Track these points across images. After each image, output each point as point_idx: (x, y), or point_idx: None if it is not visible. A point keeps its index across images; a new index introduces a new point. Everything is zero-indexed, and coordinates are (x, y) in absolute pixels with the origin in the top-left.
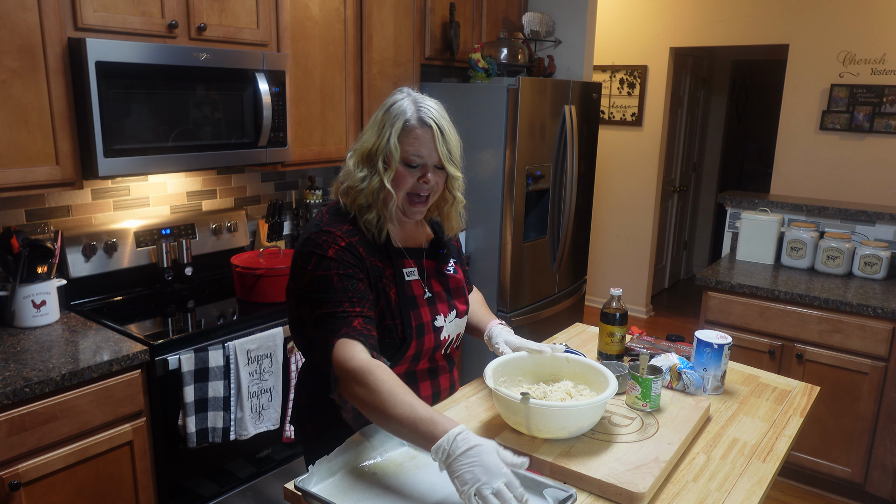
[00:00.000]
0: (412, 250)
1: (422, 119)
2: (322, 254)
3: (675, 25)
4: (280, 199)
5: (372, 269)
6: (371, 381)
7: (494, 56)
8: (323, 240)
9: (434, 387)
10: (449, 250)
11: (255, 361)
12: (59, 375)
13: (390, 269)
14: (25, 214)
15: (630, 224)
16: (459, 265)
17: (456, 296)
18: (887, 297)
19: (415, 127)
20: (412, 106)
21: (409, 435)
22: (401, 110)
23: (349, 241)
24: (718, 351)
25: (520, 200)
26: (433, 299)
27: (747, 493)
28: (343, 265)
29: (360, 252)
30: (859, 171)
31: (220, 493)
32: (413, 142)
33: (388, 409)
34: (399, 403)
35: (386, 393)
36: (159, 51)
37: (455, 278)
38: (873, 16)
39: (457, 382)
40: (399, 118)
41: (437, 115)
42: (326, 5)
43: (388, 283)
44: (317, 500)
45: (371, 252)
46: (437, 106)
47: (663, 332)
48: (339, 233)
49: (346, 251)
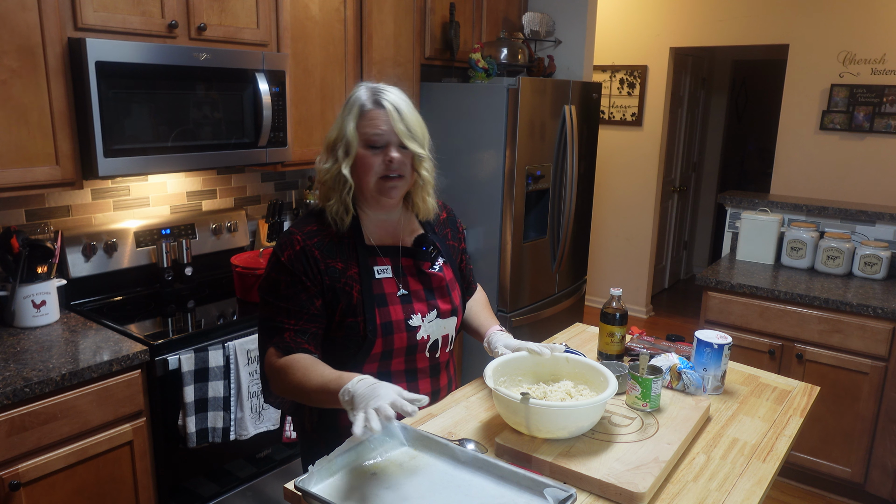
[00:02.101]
0: (387, 248)
1: (377, 101)
2: (279, 255)
3: (675, 25)
4: (280, 199)
5: (328, 272)
6: (289, 370)
7: (494, 56)
8: (284, 241)
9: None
10: (436, 248)
11: (255, 361)
12: (59, 375)
13: (355, 268)
14: (25, 214)
15: (630, 224)
16: (449, 264)
17: (439, 295)
18: (887, 297)
19: (370, 109)
20: (367, 92)
21: (325, 398)
22: (356, 97)
23: (304, 245)
24: (718, 351)
25: (520, 200)
26: (408, 297)
27: (747, 493)
28: (291, 274)
29: (314, 255)
30: (859, 171)
31: (220, 493)
32: (369, 122)
33: (304, 384)
34: (311, 377)
35: (301, 371)
36: (159, 51)
37: (438, 276)
38: (873, 16)
39: (443, 390)
40: (355, 104)
41: (393, 98)
42: (326, 5)
43: (350, 282)
44: (317, 500)
45: (330, 254)
46: (395, 90)
47: (663, 332)
48: (299, 235)
49: (298, 255)
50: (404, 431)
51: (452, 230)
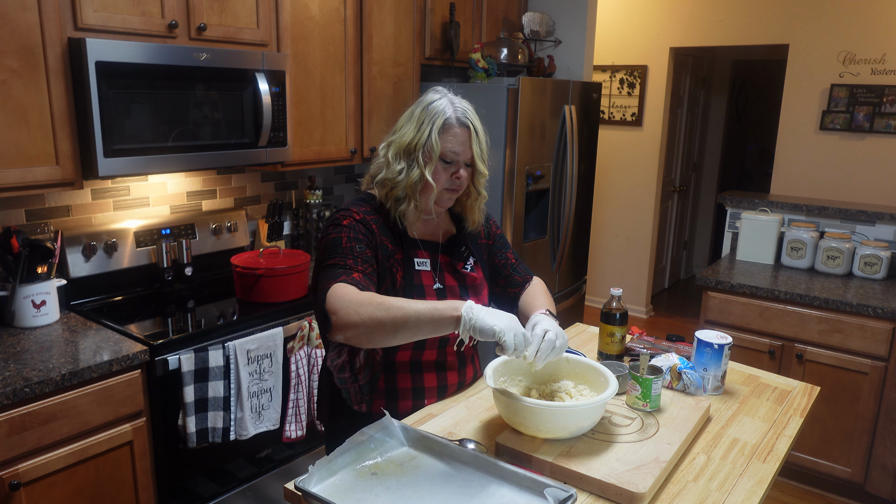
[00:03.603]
0: (428, 243)
1: (459, 119)
2: (337, 223)
3: (675, 25)
4: (280, 199)
5: (381, 247)
6: (376, 297)
7: (494, 56)
8: (341, 213)
9: (440, 380)
10: (468, 249)
11: (255, 361)
12: (59, 375)
13: (401, 254)
14: (25, 214)
15: (630, 224)
16: (480, 264)
17: (472, 293)
18: (887, 297)
19: (453, 125)
20: (450, 106)
21: (435, 316)
22: (440, 109)
23: (364, 217)
24: (718, 351)
25: (520, 200)
26: (444, 292)
27: (747, 494)
28: (353, 231)
29: (372, 228)
30: (859, 171)
31: (220, 493)
32: (451, 139)
33: (404, 305)
34: (410, 302)
35: (392, 299)
36: (159, 51)
37: (472, 276)
38: (873, 16)
39: (468, 381)
40: (439, 116)
41: (472, 116)
42: (326, 5)
43: (396, 265)
44: (317, 500)
45: (384, 233)
46: (471, 107)
47: (663, 332)
48: (356, 210)
49: (359, 223)
50: (404, 431)
51: (485, 228)
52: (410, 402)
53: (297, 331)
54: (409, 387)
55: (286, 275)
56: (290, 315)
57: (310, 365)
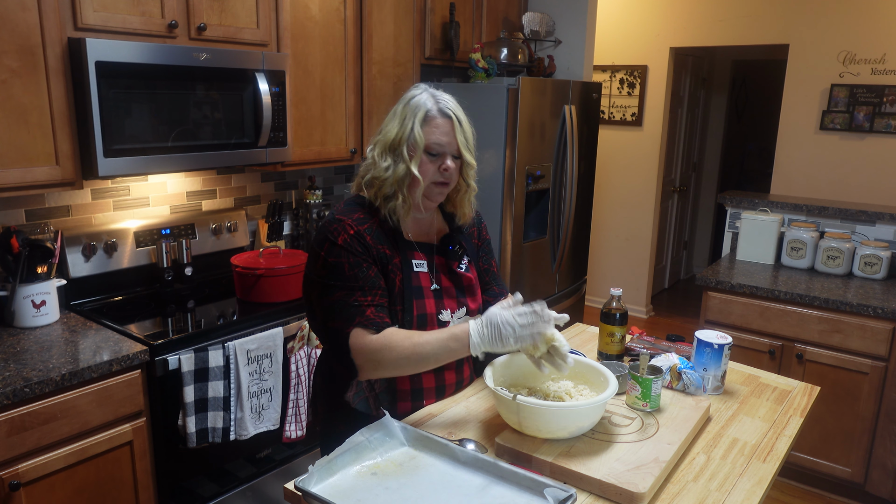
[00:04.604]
0: (423, 245)
1: (441, 110)
2: (333, 240)
3: (675, 25)
4: (280, 199)
5: (380, 257)
6: (393, 342)
7: (494, 56)
8: (334, 227)
9: (438, 380)
10: (462, 247)
11: (254, 361)
12: (59, 375)
13: (398, 258)
14: (25, 214)
15: (630, 224)
16: (474, 263)
17: (468, 294)
18: (887, 297)
19: (435, 116)
20: (431, 99)
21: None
22: (421, 102)
23: (357, 230)
24: (718, 351)
25: (520, 200)
26: (440, 293)
27: (747, 494)
28: (353, 255)
29: (366, 241)
30: (859, 171)
31: (220, 493)
32: (434, 130)
33: (421, 346)
34: (425, 338)
35: (407, 339)
36: (159, 51)
37: (467, 276)
38: (873, 16)
39: (465, 380)
40: (420, 109)
41: (454, 107)
42: (326, 5)
43: (395, 270)
44: (317, 500)
45: (379, 240)
46: (452, 99)
47: (663, 332)
48: (349, 221)
49: (353, 239)
50: (404, 431)
51: (477, 229)
52: (409, 404)
53: (296, 331)
54: (407, 388)
55: (286, 275)
56: (290, 315)
57: (310, 365)
